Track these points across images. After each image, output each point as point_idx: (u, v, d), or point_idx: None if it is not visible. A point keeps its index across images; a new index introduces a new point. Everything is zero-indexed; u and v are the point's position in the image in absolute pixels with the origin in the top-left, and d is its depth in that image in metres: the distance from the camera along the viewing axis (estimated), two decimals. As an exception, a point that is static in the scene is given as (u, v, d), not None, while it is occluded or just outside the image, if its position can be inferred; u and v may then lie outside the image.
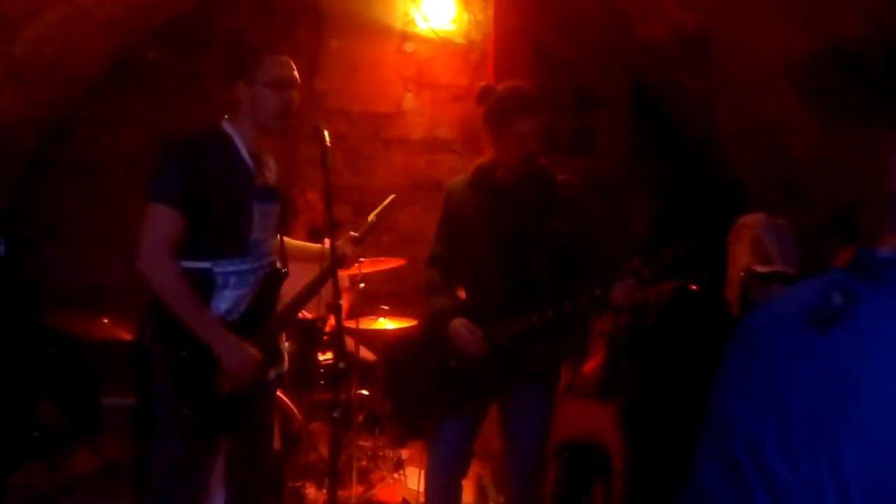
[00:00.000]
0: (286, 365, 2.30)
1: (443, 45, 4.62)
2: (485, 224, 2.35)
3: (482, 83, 2.42)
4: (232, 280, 2.06)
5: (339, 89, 4.57)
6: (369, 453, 3.57)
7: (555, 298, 2.22)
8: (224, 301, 2.06)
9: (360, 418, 3.64)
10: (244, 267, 2.08)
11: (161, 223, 1.98)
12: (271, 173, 2.20)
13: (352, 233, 2.43)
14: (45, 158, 4.25)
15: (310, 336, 3.28)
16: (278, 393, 3.17)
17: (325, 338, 3.34)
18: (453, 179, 2.52)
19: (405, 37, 4.61)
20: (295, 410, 3.25)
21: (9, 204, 4.10)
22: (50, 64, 3.55)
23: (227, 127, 2.10)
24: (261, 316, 2.15)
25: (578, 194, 2.38)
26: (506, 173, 2.35)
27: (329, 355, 3.40)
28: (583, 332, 3.31)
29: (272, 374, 2.22)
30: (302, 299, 2.26)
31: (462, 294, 2.54)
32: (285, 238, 2.43)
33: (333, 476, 2.10)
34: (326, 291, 2.24)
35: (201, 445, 2.10)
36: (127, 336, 3.42)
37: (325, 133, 2.10)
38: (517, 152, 2.25)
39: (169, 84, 4.33)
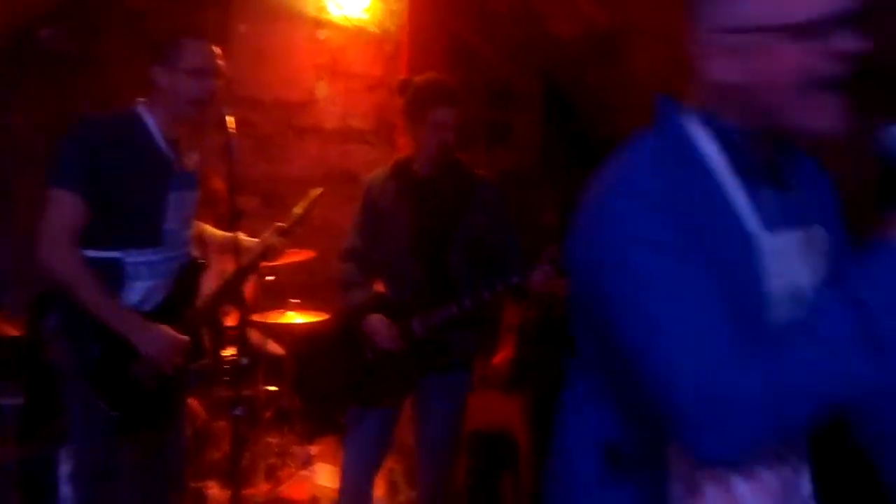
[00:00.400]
0: (207, 361, 2.24)
1: (357, 34, 4.54)
2: (403, 216, 2.38)
3: (401, 76, 2.44)
4: (144, 271, 1.98)
5: (248, 76, 4.42)
6: (277, 450, 3.48)
7: (473, 289, 2.25)
8: (135, 293, 1.97)
9: (268, 415, 3.55)
10: (157, 257, 2.00)
11: (62, 210, 1.88)
12: (190, 160, 2.12)
13: (279, 224, 2.36)
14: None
15: (213, 330, 3.17)
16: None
17: (228, 332, 3.23)
18: (373, 173, 2.55)
19: (318, 23, 4.51)
20: (198, 408, 3.14)
21: None
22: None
23: (142, 110, 2.00)
24: (178, 308, 2.07)
25: (495, 188, 2.44)
26: (423, 166, 2.39)
27: (233, 350, 3.29)
28: (494, 324, 3.35)
29: (193, 367, 2.16)
30: (224, 293, 2.19)
31: (381, 288, 2.54)
32: (207, 228, 2.35)
33: (235, 475, 2.03)
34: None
35: (127, 444, 1.99)
36: (14, 332, 3.20)
37: (230, 120, 2.02)
38: (434, 143, 2.30)
39: (64, 65, 4.07)
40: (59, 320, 1.96)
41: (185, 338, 2.02)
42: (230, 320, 3.23)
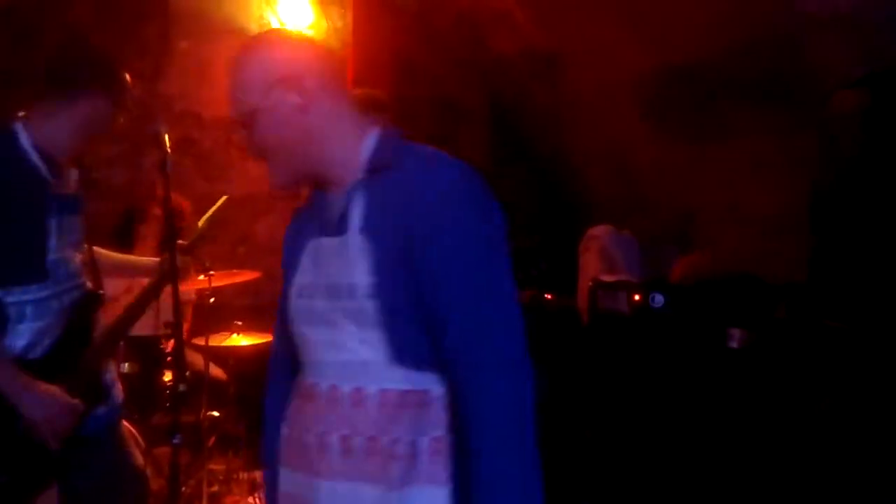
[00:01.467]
0: (119, 395, 2.03)
1: (301, 51, 4.50)
2: None
3: None
4: (28, 310, 1.76)
5: (189, 92, 4.33)
6: (221, 477, 3.38)
7: None
8: (20, 336, 1.75)
9: (212, 441, 3.44)
10: (43, 294, 1.78)
11: None
12: (71, 180, 1.92)
13: (180, 241, 2.14)
14: None
15: (150, 356, 3.07)
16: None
17: (167, 358, 3.12)
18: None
19: (261, 40, 4.45)
20: (136, 436, 3.02)
21: None
22: None
23: (17, 127, 1.80)
24: (74, 348, 1.87)
25: None
26: None
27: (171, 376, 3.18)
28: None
29: (101, 409, 1.93)
30: (126, 320, 2.02)
31: None
32: (104, 252, 2.14)
33: (174, 506, 1.95)
34: (166, 307, 2.08)
35: None
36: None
37: (165, 137, 1.94)
38: None
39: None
40: None
41: (77, 402, 1.80)
42: (168, 345, 3.12)
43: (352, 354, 1.14)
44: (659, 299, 2.45)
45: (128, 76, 1.93)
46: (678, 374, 2.44)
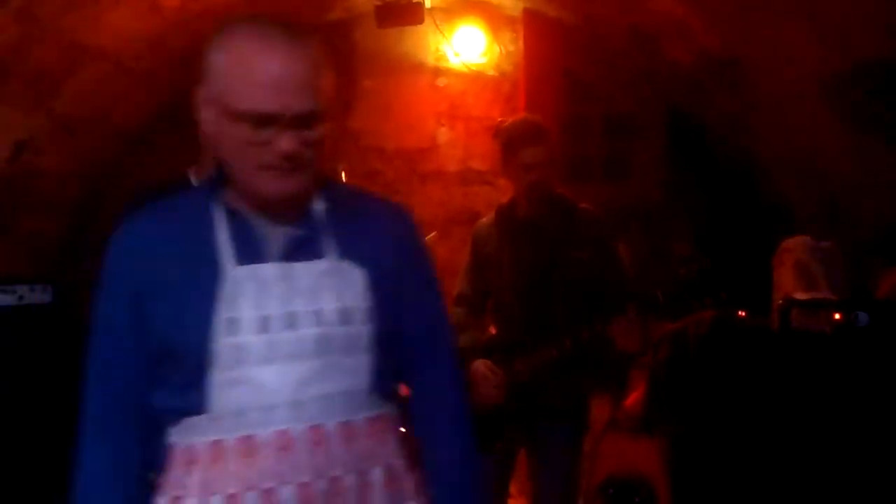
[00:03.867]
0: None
1: (474, 78, 4.64)
2: (505, 258, 2.39)
3: (498, 120, 2.49)
4: None
5: (373, 127, 4.64)
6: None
7: (575, 329, 2.20)
8: None
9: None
10: None
11: None
12: None
13: None
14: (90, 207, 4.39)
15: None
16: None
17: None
18: (479, 221, 2.59)
19: (437, 72, 4.66)
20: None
21: (58, 250, 4.25)
22: (94, 117, 3.70)
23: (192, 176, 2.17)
24: None
25: (598, 222, 2.39)
26: (523, 207, 2.40)
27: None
28: (622, 364, 3.23)
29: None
30: None
31: (493, 330, 2.55)
32: None
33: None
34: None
35: None
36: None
37: (343, 174, 2.13)
38: (525, 182, 2.30)
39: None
40: None
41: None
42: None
43: (335, 386, 1.09)
44: (863, 318, 2.20)
45: None
46: (890, 401, 2.18)
